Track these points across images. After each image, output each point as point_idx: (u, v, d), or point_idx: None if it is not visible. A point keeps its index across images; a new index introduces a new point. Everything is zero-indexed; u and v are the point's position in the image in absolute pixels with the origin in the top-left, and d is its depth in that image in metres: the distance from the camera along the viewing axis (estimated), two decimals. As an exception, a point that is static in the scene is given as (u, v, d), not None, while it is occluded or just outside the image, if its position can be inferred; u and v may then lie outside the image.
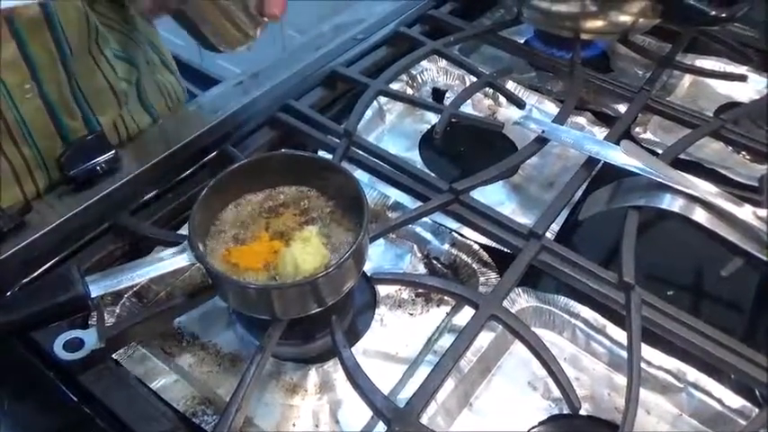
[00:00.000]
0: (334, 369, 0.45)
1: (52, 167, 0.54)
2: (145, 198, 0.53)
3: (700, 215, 0.49)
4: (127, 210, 0.51)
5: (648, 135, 0.65)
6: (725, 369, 0.43)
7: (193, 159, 0.56)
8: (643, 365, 0.42)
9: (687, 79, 0.73)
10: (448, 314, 0.49)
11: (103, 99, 0.57)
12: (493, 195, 0.57)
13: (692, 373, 0.43)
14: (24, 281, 0.46)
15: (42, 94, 0.51)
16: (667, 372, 0.44)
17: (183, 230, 0.51)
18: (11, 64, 0.48)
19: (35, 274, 0.47)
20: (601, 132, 0.64)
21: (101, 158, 0.53)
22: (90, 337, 0.39)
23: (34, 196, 0.54)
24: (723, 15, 0.60)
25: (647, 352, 0.44)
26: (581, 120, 0.65)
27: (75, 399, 0.40)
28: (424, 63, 0.70)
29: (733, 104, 0.69)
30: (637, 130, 0.64)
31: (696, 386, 0.43)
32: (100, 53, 0.55)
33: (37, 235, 0.49)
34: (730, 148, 0.63)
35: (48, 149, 0.53)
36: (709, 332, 0.44)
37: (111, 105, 0.58)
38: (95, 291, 0.38)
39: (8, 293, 0.45)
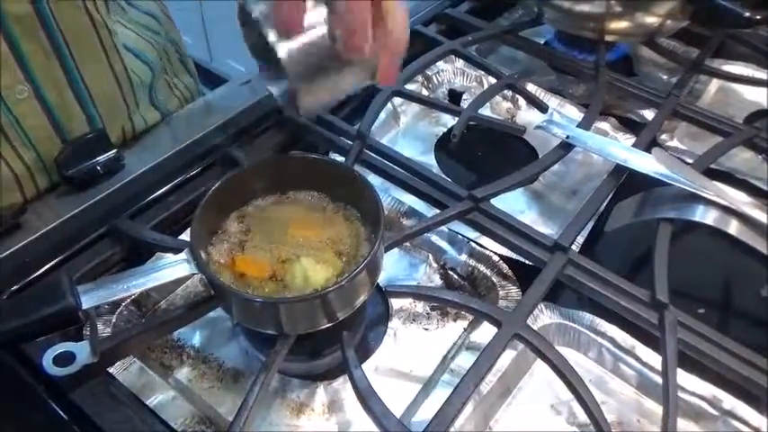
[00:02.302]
0: (344, 387, 0.42)
1: (54, 171, 0.51)
2: (146, 201, 0.50)
3: (735, 228, 0.46)
4: (126, 213, 0.49)
5: (675, 143, 0.62)
6: (763, 396, 0.40)
7: (198, 161, 0.53)
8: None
9: (714, 85, 0.70)
10: (465, 330, 0.46)
11: (112, 102, 0.54)
12: (512, 203, 0.54)
13: (729, 401, 0.40)
14: (15, 287, 0.44)
15: (39, 96, 0.48)
16: (701, 398, 0.41)
17: (185, 236, 0.48)
18: (1, 65, 0.45)
19: (28, 280, 0.44)
20: (625, 139, 0.61)
21: (101, 158, 0.51)
22: (82, 351, 0.37)
23: (35, 198, 0.52)
24: (758, 17, 0.57)
25: (680, 376, 0.41)
26: (605, 125, 0.62)
27: (66, 417, 0.38)
28: (440, 63, 0.67)
29: (764, 112, 0.66)
30: (663, 137, 0.61)
31: (732, 414, 0.40)
32: (116, 53, 0.53)
33: (31, 238, 0.46)
34: (761, 157, 0.60)
35: (48, 153, 0.51)
36: (748, 356, 0.41)
37: (119, 109, 0.55)
38: (87, 302, 0.35)
39: (-2, 300, 0.42)
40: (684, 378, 0.41)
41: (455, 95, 0.67)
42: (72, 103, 0.51)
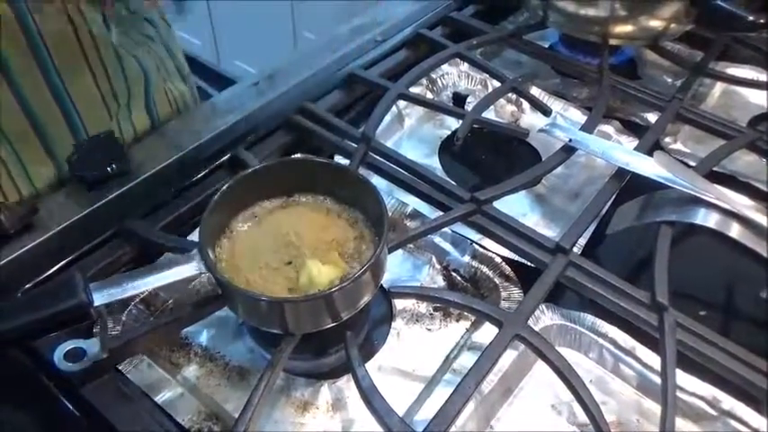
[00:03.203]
0: (347, 386, 0.43)
1: (34, 173, 0.52)
2: (155, 202, 0.51)
3: (736, 231, 0.46)
4: (136, 213, 0.50)
5: (679, 146, 0.62)
6: (762, 397, 0.40)
7: (206, 162, 0.54)
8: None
9: (718, 88, 0.70)
10: (467, 330, 0.46)
11: (94, 107, 0.55)
12: (515, 206, 0.55)
13: (728, 401, 0.41)
14: (27, 286, 0.45)
15: (20, 100, 0.49)
16: (701, 398, 0.41)
17: (193, 236, 0.49)
18: None
19: (39, 278, 0.45)
20: (628, 142, 0.61)
21: (111, 159, 0.52)
22: (92, 348, 0.38)
23: (16, 199, 0.52)
24: (762, 21, 0.58)
25: (680, 377, 0.41)
26: (608, 128, 0.63)
27: (77, 412, 0.39)
28: (445, 67, 0.68)
29: (767, 115, 0.66)
30: (666, 140, 0.62)
31: (732, 415, 0.40)
32: (98, 59, 0.53)
33: (43, 238, 0.47)
34: (764, 160, 0.60)
35: (27, 154, 0.51)
36: (747, 357, 0.41)
37: (101, 114, 0.56)
38: (99, 299, 0.36)
39: (9, 299, 0.43)
40: (684, 379, 0.41)
41: (459, 98, 0.67)
42: (53, 106, 0.51)
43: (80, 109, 0.53)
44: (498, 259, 0.49)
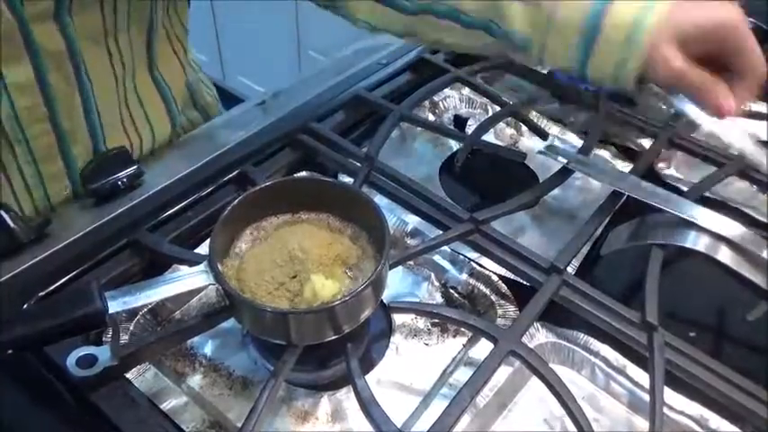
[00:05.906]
0: (347, 397, 0.44)
1: (51, 188, 0.55)
2: (164, 215, 0.53)
3: (725, 255, 0.48)
4: (146, 227, 0.51)
5: (672, 171, 0.64)
6: (748, 417, 0.42)
7: (214, 178, 0.56)
8: (664, 410, 0.41)
9: (712, 115, 0.72)
10: (464, 346, 0.48)
11: (119, 134, 0.58)
12: (513, 226, 0.57)
13: (715, 420, 0.42)
14: (41, 294, 0.46)
15: (54, 122, 0.51)
16: (689, 417, 0.43)
17: (200, 249, 0.51)
18: (24, 87, 0.48)
19: (52, 287, 0.47)
20: (624, 166, 0.63)
21: (123, 173, 0.54)
22: (103, 355, 0.39)
23: (33, 213, 0.54)
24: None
25: (669, 395, 0.42)
26: (604, 153, 0.65)
27: (86, 417, 0.40)
28: (447, 90, 0.70)
29: (758, 143, 0.68)
30: (660, 165, 0.64)
31: (718, 434, 0.42)
32: (123, 87, 0.56)
33: (56, 248, 0.49)
34: (755, 187, 0.62)
35: (47, 171, 0.54)
36: (733, 378, 0.42)
37: (124, 141, 0.58)
38: (113, 307, 0.37)
39: (25, 306, 0.45)
40: (672, 397, 0.43)
41: (460, 121, 0.69)
42: (82, 130, 0.54)
43: (106, 134, 0.56)
44: (495, 278, 0.51)
